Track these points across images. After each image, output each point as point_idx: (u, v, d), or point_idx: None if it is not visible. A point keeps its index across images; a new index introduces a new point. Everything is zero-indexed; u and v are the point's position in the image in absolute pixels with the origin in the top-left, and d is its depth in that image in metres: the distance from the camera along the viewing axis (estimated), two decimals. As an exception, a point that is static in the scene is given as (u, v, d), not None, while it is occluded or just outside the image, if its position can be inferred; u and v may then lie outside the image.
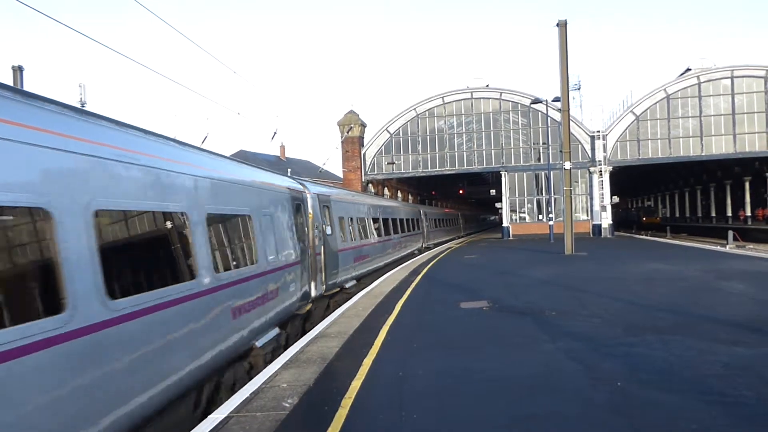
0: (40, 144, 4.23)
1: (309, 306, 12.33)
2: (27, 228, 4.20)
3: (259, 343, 8.55)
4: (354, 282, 16.89)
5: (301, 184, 13.33)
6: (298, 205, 11.94)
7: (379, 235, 22.25)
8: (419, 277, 17.61)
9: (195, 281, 6.34)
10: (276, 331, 9.50)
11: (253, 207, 8.90)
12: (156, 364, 5.40)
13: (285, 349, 9.14)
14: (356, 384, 6.36)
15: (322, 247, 13.65)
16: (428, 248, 35.96)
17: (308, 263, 12.18)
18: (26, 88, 32.36)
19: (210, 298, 6.74)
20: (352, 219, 18.02)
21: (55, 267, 4.17)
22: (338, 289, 15.21)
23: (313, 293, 12.49)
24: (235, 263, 7.93)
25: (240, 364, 8.06)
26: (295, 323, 11.28)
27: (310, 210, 13.04)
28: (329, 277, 14.06)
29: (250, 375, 8.00)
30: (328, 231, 14.59)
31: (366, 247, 19.42)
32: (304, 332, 10.90)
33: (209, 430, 5.22)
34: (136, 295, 5.13)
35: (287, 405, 5.78)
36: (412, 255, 29.50)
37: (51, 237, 4.16)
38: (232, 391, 7.20)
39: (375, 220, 22.05)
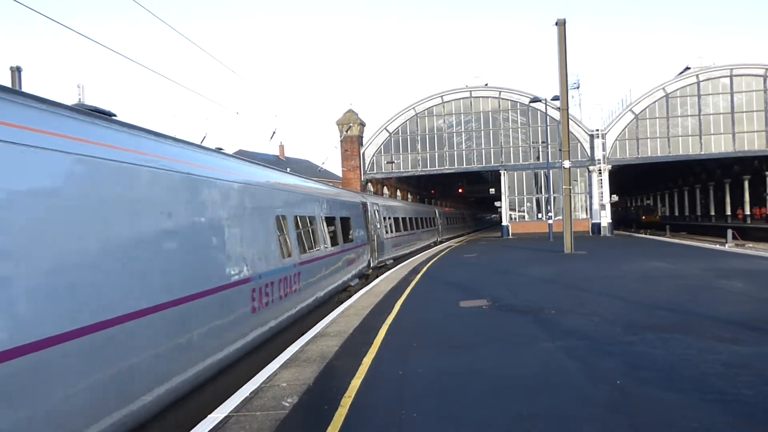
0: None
1: (370, 271, 19.70)
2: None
3: (352, 283, 16.18)
4: (392, 260, 24.11)
5: (363, 197, 21.41)
6: (364, 210, 19.74)
7: (407, 229, 29.73)
8: (419, 275, 17.60)
9: (339, 246, 14.38)
10: (357, 280, 17.02)
11: (352, 213, 17.35)
12: (328, 277, 12.78)
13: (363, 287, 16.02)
14: (356, 383, 6.36)
15: (375, 236, 21.10)
16: (442, 241, 42.18)
17: (370, 245, 19.85)
18: (24, 88, 32.30)
19: (342, 254, 14.76)
20: (391, 218, 25.70)
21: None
22: (383, 264, 22.39)
23: (372, 264, 20.11)
24: (347, 240, 15.90)
25: (345, 291, 15.42)
26: (362, 280, 18.02)
27: (369, 213, 20.52)
28: (379, 255, 21.66)
29: (349, 295, 14.82)
30: (378, 226, 22.06)
31: (399, 237, 27.17)
32: (366, 285, 17.03)
33: (209, 429, 5.21)
34: (337, 245, 13.71)
35: (287, 404, 5.77)
36: (429, 246, 36.24)
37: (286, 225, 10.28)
38: (339, 302, 13.57)
39: (404, 219, 29.29)
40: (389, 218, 25.16)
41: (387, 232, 23.90)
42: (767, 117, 40.09)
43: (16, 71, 31.15)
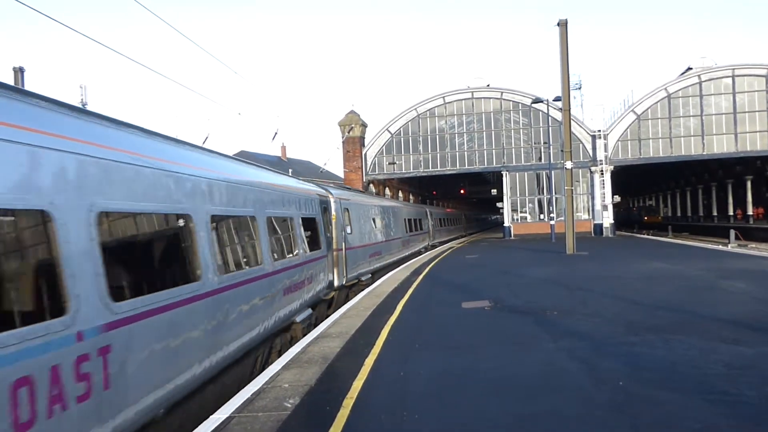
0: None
1: (429, 247, 35.46)
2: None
3: (423, 251, 32.55)
4: (438, 243, 40.04)
5: (425, 207, 40.17)
6: (425, 214, 36.49)
7: (446, 225, 48.06)
8: (421, 276, 17.60)
9: (418, 232, 32.51)
10: (425, 250, 33.18)
11: (421, 216, 34.79)
12: (415, 244, 31.51)
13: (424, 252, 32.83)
14: (358, 384, 6.36)
15: (430, 229, 37.28)
16: (466, 235, 58.50)
17: (428, 233, 36.35)
18: (27, 89, 32.36)
19: (418, 235, 32.66)
20: (437, 219, 42.94)
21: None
22: (433, 245, 37.22)
23: (428, 243, 36.09)
24: (420, 229, 33.63)
25: (419, 252, 31.86)
26: (424, 252, 32.21)
27: (428, 216, 37.27)
28: (431, 240, 37.54)
29: (420, 253, 31.22)
30: (432, 223, 38.60)
31: (442, 230, 44.34)
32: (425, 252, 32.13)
33: (211, 430, 5.21)
34: (417, 231, 32.43)
35: (289, 405, 5.78)
36: (459, 237, 52.62)
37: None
38: (410, 257, 28.36)
39: (445, 219, 47.89)
40: (436, 219, 42.42)
41: (435, 227, 40.99)
42: (770, 117, 40.00)
43: (19, 72, 31.25)
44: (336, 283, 13.97)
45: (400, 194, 52.47)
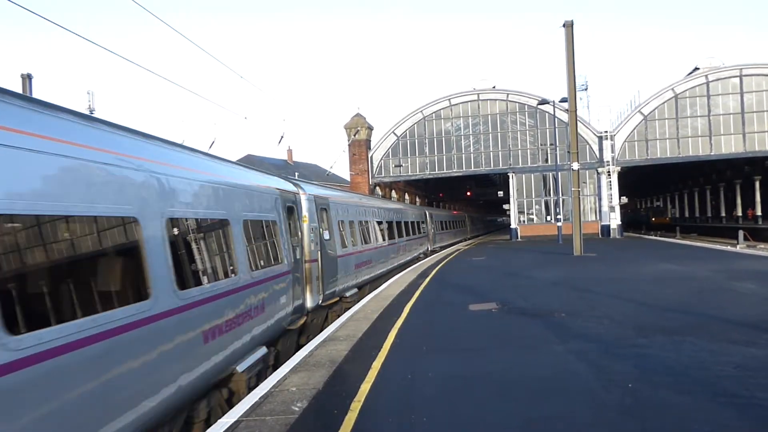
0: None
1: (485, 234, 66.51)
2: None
3: (472, 239, 53.56)
4: (478, 235, 62.89)
5: (466, 214, 61.88)
6: (470, 218, 64.17)
7: (479, 224, 70.62)
8: (428, 279, 17.57)
9: (481, 226, 72.66)
10: (478, 238, 58.02)
11: (462, 218, 56.61)
12: (481, 229, 70.06)
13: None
14: (365, 387, 6.34)
15: (476, 228, 67.68)
16: (490, 233, 73.78)
17: (468, 228, 60.27)
18: (35, 95, 32.58)
19: (474, 230, 63.03)
20: (473, 220, 64.30)
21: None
22: (475, 236, 58.21)
23: (481, 232, 69.04)
24: (480, 226, 72.95)
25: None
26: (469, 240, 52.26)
27: (470, 218, 63.79)
28: (470, 233, 59.63)
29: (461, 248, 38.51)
30: (476, 223, 68.83)
31: (479, 228, 68.47)
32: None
33: (219, 434, 5.23)
34: (442, 230, 41.49)
35: (296, 409, 5.77)
36: (487, 233, 69.81)
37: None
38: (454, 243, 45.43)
39: (479, 220, 72.25)
40: (474, 220, 63.73)
41: (472, 225, 58.92)
42: (778, 117, 39.73)
43: (27, 79, 31.47)
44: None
45: (407, 197, 52.47)
